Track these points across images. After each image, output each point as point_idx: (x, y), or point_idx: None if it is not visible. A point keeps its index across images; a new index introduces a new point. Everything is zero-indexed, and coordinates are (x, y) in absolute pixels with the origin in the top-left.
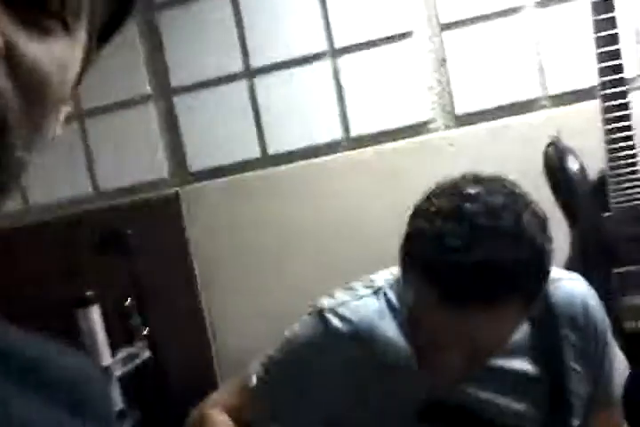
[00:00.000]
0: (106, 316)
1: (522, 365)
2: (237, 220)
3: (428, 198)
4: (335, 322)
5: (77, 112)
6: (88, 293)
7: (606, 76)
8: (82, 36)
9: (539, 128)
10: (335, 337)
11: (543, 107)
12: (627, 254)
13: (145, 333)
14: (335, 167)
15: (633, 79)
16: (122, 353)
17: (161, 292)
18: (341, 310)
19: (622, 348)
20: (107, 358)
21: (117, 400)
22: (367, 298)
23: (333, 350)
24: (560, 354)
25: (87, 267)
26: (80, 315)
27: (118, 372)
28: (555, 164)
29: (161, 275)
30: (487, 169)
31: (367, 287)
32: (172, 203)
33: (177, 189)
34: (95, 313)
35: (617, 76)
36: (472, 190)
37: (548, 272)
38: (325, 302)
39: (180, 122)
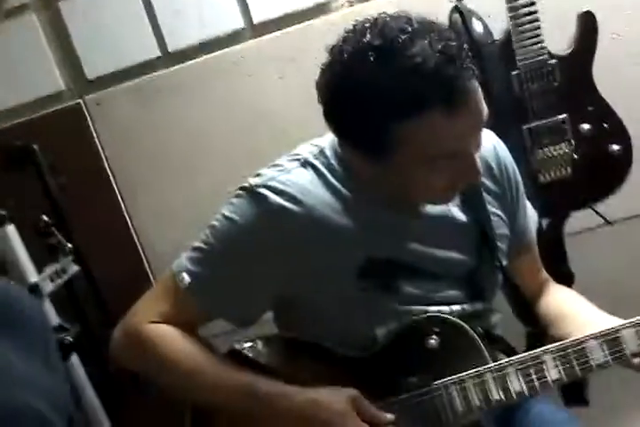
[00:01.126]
0: (25, 235)
1: (456, 213)
2: (146, 124)
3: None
4: (271, 196)
5: None
6: (1, 212)
7: None
8: None
9: None
10: (274, 211)
11: None
12: (536, 110)
13: (68, 248)
14: (239, 58)
15: None
16: (48, 270)
17: (80, 205)
18: (273, 184)
19: (537, 199)
20: (32, 275)
21: (52, 316)
22: (296, 170)
23: (274, 225)
24: (482, 201)
25: None
26: None
27: (48, 288)
28: (459, 27)
29: (77, 188)
30: None
31: (293, 160)
32: (75, 114)
33: (78, 100)
34: (11, 232)
35: None
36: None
37: None
38: (254, 180)
39: (69, 28)
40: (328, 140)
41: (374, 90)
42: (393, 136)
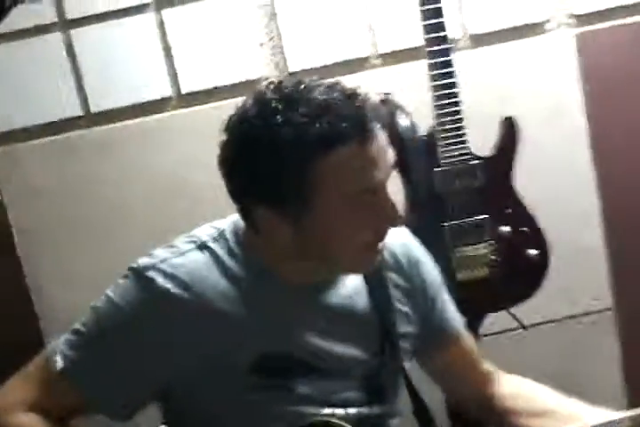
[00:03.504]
0: None
1: (360, 308)
2: (59, 183)
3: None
4: (159, 280)
5: None
6: None
7: (430, 33)
8: None
9: (370, 86)
10: (160, 297)
11: (374, 66)
12: (456, 208)
13: None
14: (164, 126)
15: (457, 40)
16: None
17: None
18: (163, 267)
19: (454, 298)
20: None
21: None
22: (190, 253)
23: (158, 313)
24: (387, 296)
25: None
26: None
27: None
28: (385, 122)
29: None
30: None
31: (189, 242)
32: None
33: None
34: None
35: (440, 34)
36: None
37: None
38: (143, 261)
39: None
40: (229, 222)
41: (285, 134)
42: (311, 178)
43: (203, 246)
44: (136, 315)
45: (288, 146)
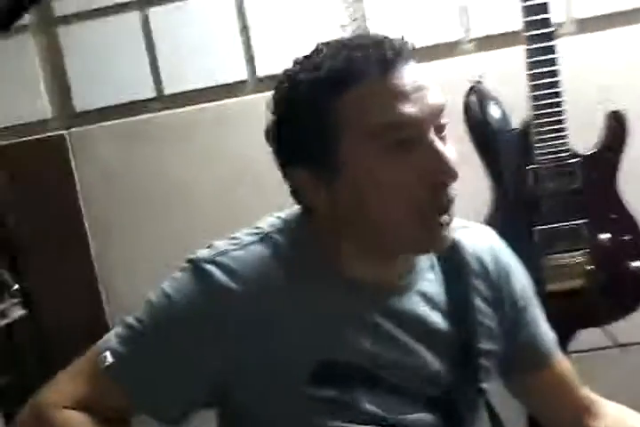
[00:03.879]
0: None
1: (436, 318)
2: (129, 166)
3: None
4: (217, 274)
5: None
6: None
7: (531, 15)
8: None
9: (460, 73)
10: (217, 292)
11: (465, 51)
12: (551, 211)
13: (15, 288)
14: (238, 111)
15: (561, 24)
16: None
17: (42, 243)
18: (222, 260)
19: (546, 312)
20: None
21: None
22: (252, 245)
23: (216, 308)
24: (469, 307)
25: None
26: None
27: None
28: (476, 111)
29: (44, 224)
30: None
31: (253, 234)
32: (57, 146)
33: (63, 131)
34: None
35: (542, 16)
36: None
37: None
38: (201, 253)
39: (64, 55)
40: (298, 211)
41: (302, 79)
42: (332, 121)
43: (266, 238)
44: (192, 309)
45: (305, 91)
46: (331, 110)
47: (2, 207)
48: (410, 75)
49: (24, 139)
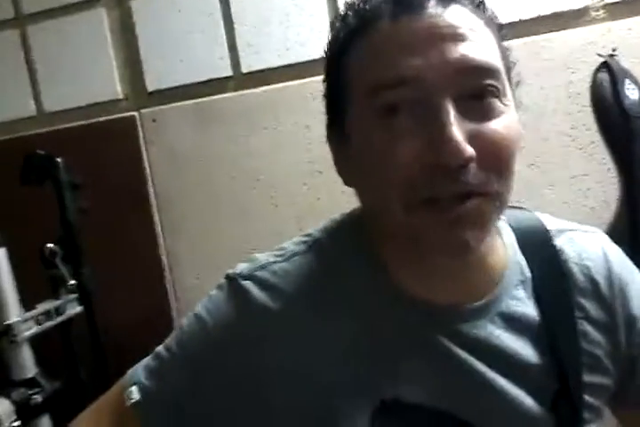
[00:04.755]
0: (21, 262)
1: (527, 348)
2: (203, 150)
3: None
4: (254, 291)
5: (17, 17)
6: None
7: None
8: None
9: (589, 46)
10: (254, 310)
11: (595, 19)
12: None
13: (70, 284)
14: (318, 92)
15: None
16: (38, 308)
17: (105, 235)
18: (262, 275)
19: None
20: (13, 314)
21: (29, 366)
22: (299, 256)
23: (252, 329)
24: (573, 335)
25: (5, 199)
26: None
27: (31, 331)
28: (606, 93)
29: (107, 213)
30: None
31: (300, 243)
32: (126, 128)
33: (134, 112)
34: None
35: None
36: None
37: None
38: (240, 267)
39: (137, 31)
40: (356, 209)
41: (335, 29)
42: (344, 77)
43: (314, 247)
44: (222, 334)
45: (328, 45)
46: (342, 66)
47: (60, 195)
48: (432, 19)
49: (93, 120)
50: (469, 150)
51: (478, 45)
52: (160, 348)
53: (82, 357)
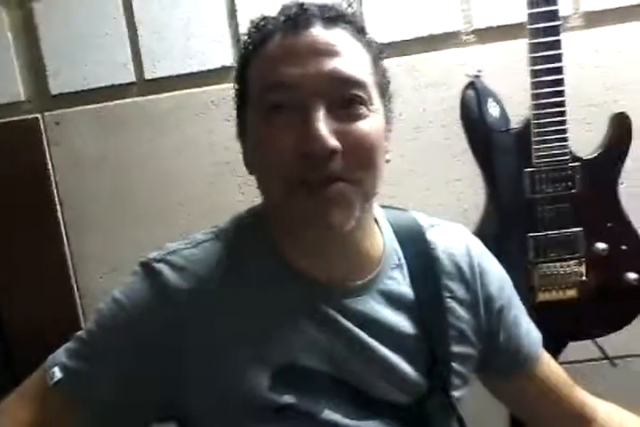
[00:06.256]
0: None
1: (403, 321)
2: (107, 155)
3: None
4: (166, 272)
5: None
6: None
7: (536, 7)
8: None
9: (459, 66)
10: (166, 290)
11: (466, 42)
12: (546, 217)
13: None
14: (221, 99)
15: (568, 17)
16: None
17: (11, 231)
18: (172, 258)
19: (535, 322)
20: None
21: None
22: (205, 243)
23: (165, 307)
24: (440, 310)
25: None
26: None
27: None
28: (472, 108)
29: (11, 215)
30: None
31: (207, 233)
32: (29, 130)
33: (36, 115)
34: None
35: (549, 8)
36: None
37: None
38: (152, 254)
39: (39, 33)
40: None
41: (239, 54)
42: (246, 82)
43: (220, 235)
44: (140, 312)
45: (237, 60)
46: (245, 74)
47: None
48: (313, 37)
49: None
50: (333, 143)
51: (349, 61)
52: (80, 332)
53: None
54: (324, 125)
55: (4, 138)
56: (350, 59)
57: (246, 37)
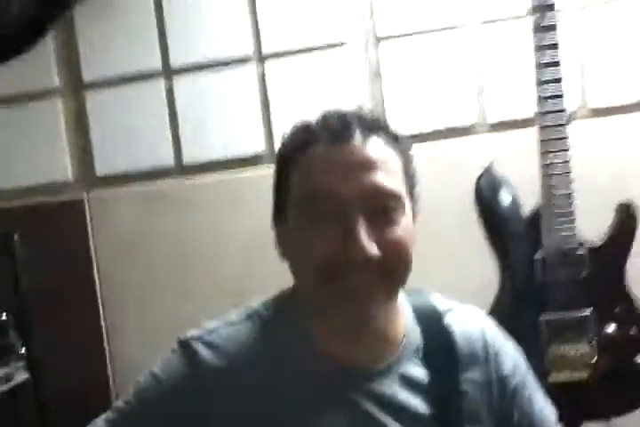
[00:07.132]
0: None
1: (419, 404)
2: (146, 233)
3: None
4: (202, 351)
5: None
6: None
7: (546, 107)
8: None
9: (474, 155)
10: (201, 367)
11: (480, 132)
12: (557, 300)
13: (22, 351)
14: (254, 181)
15: (573, 113)
16: None
17: (53, 307)
18: (209, 338)
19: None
20: None
21: None
22: (241, 324)
23: (199, 383)
24: (456, 394)
25: None
26: None
27: None
28: (486, 195)
29: (55, 287)
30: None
31: (242, 314)
32: (75, 208)
33: (82, 193)
34: None
35: (557, 108)
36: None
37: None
38: (190, 332)
39: (90, 119)
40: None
41: (281, 147)
42: (286, 187)
43: (254, 316)
44: (175, 387)
45: (277, 158)
46: (285, 175)
47: (14, 269)
48: (353, 150)
49: (42, 200)
50: (374, 251)
51: (386, 175)
52: (118, 402)
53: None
54: (365, 234)
55: (52, 215)
56: (387, 172)
57: (288, 140)
